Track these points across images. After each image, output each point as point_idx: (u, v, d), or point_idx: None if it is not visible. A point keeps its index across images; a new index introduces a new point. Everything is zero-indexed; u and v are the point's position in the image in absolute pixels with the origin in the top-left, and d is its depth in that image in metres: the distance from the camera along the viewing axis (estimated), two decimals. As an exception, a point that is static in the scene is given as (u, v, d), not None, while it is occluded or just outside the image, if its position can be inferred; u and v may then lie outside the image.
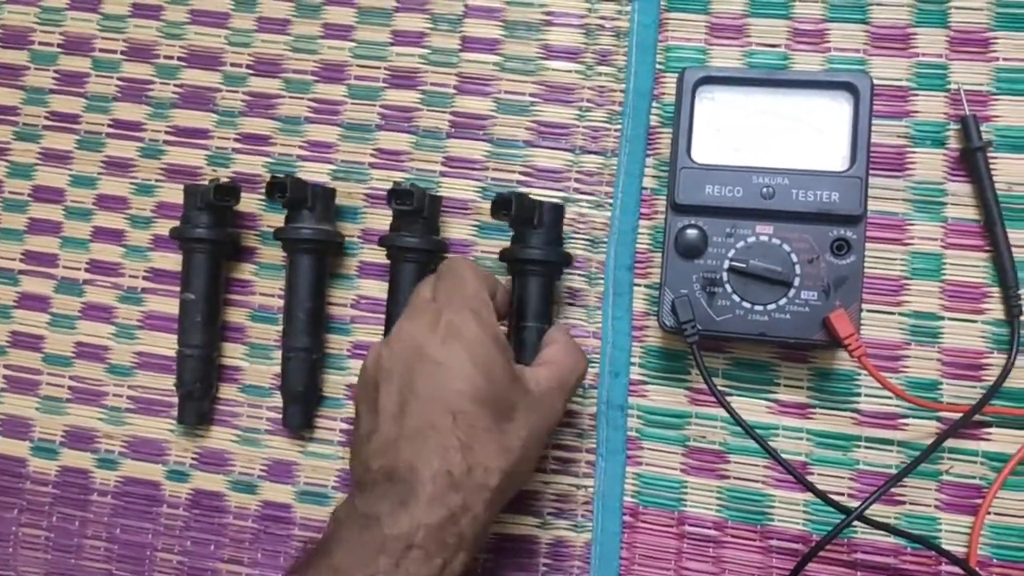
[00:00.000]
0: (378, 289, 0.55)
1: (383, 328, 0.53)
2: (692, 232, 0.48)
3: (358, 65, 0.57)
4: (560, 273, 0.52)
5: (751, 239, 0.48)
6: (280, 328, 0.54)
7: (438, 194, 0.54)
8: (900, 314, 0.51)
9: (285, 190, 0.50)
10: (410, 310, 0.45)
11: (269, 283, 0.56)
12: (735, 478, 0.51)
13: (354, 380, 0.54)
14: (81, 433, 0.56)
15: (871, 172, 0.48)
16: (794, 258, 0.47)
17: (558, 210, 0.51)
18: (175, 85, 0.58)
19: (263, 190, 0.56)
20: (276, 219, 0.55)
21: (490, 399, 0.41)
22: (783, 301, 0.47)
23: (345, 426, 0.54)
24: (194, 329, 0.53)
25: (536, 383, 0.44)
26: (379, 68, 0.57)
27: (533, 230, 0.50)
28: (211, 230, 0.53)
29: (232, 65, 0.58)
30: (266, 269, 0.56)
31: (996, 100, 0.51)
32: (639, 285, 0.53)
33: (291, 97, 0.57)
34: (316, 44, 0.57)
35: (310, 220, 0.52)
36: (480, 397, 0.41)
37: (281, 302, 0.55)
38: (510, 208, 0.48)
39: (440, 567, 0.39)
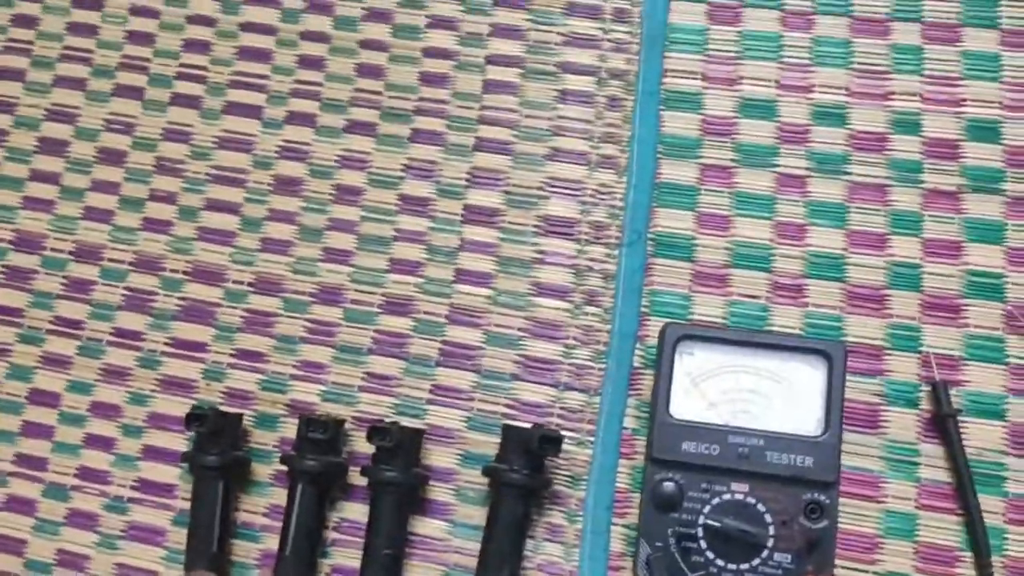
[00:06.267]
0: (360, 512, 0.55)
1: (360, 555, 0.53)
2: (669, 485, 0.49)
3: (355, 289, 0.59)
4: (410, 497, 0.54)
5: (727, 496, 0.49)
6: (260, 546, 0.54)
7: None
8: (874, 573, 0.51)
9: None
10: None
11: (252, 499, 0.56)
12: None
13: (330, 609, 0.54)
14: (52, 647, 0.56)
15: (846, 427, 0.49)
16: (768, 519, 0.48)
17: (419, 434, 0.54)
18: (178, 298, 0.60)
19: (253, 411, 0.57)
20: (261, 436, 0.57)
21: None
22: (756, 562, 0.48)
23: (317, 655, 0.54)
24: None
25: None
26: (375, 293, 0.59)
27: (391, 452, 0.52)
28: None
29: (234, 282, 0.60)
30: (251, 486, 0.57)
31: (967, 365, 0.53)
32: (616, 525, 0.54)
33: (288, 316, 0.59)
34: (316, 267, 0.60)
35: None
36: None
37: (264, 520, 0.55)
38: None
39: None
